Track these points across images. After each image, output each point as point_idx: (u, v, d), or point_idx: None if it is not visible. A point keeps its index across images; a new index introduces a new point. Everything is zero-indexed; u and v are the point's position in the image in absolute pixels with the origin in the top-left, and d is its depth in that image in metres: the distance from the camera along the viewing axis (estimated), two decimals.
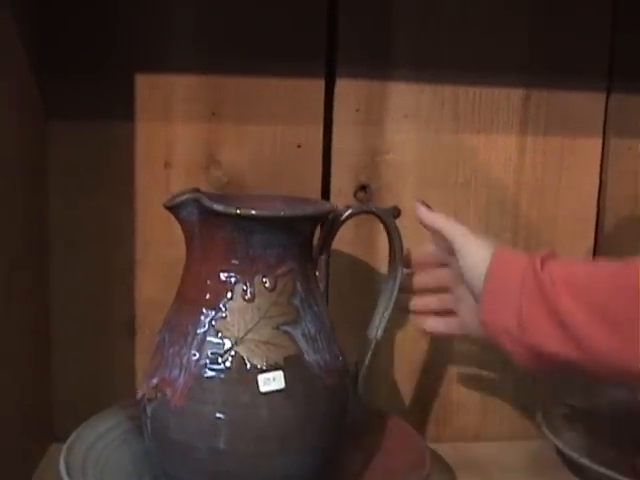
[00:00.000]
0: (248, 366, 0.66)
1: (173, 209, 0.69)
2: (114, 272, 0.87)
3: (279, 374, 0.67)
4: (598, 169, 0.97)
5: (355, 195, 0.90)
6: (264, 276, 0.68)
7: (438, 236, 0.76)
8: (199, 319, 0.67)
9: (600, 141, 0.96)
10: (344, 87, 0.89)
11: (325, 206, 0.74)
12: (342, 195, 0.89)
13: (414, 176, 0.91)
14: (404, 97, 0.90)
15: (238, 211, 0.65)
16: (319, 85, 0.89)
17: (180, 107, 0.86)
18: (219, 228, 0.67)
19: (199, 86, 0.86)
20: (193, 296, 0.68)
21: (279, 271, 0.68)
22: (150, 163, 0.86)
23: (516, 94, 0.93)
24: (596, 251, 0.98)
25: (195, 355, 0.66)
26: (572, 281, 0.66)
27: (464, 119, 0.92)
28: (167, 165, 0.86)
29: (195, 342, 0.67)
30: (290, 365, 0.67)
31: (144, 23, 0.84)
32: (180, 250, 0.70)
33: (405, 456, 0.75)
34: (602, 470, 0.79)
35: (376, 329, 0.76)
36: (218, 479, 0.66)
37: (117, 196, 0.86)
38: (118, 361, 0.89)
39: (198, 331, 0.67)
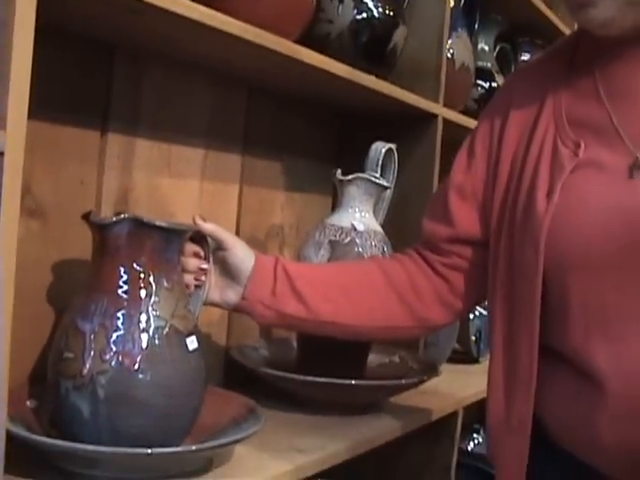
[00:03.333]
0: (180, 333, 0.94)
1: (105, 227, 0.92)
2: None
3: (195, 337, 0.96)
4: (236, 207, 1.41)
5: None
6: (174, 273, 0.96)
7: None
8: (140, 306, 0.92)
9: (238, 188, 1.41)
10: (112, 140, 1.17)
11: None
12: None
13: (149, 208, 1.22)
14: (144, 152, 1.22)
15: (181, 227, 0.95)
16: (97, 136, 1.15)
17: None
18: (150, 239, 0.93)
19: None
20: (120, 291, 0.92)
21: (178, 269, 0.97)
22: None
23: (199, 152, 1.32)
24: None
25: (144, 330, 0.91)
26: (304, 273, 1.14)
27: (175, 167, 1.27)
28: None
29: (142, 322, 0.91)
30: (195, 332, 0.97)
31: None
32: None
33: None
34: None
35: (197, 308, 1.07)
36: (166, 418, 0.92)
37: None
38: None
39: (142, 315, 0.91)
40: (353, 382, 1.26)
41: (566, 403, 1.00)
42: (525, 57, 2.37)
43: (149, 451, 0.87)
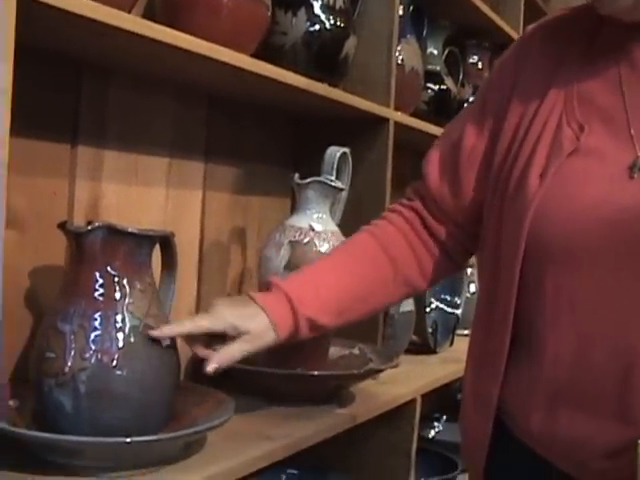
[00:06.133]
0: None
1: (81, 235, 0.99)
2: None
3: None
4: (200, 212, 1.49)
5: None
6: (146, 276, 1.03)
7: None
8: (116, 307, 0.99)
9: (201, 193, 1.49)
10: (82, 153, 1.24)
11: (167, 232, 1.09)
12: None
13: (118, 215, 1.29)
14: (112, 162, 1.29)
15: (151, 233, 1.02)
16: (67, 149, 1.22)
17: None
18: (123, 245, 1.00)
19: None
20: (96, 294, 0.99)
21: (149, 272, 1.04)
22: None
23: (163, 161, 1.40)
24: (200, 263, 1.49)
25: (120, 330, 0.98)
26: (318, 306, 1.11)
27: (141, 176, 1.34)
28: None
29: (118, 322, 0.98)
30: None
31: None
32: None
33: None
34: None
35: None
36: (142, 410, 0.99)
37: None
38: None
39: (117, 315, 0.99)
40: (316, 373, 1.34)
41: (517, 390, 1.03)
42: (473, 59, 2.49)
43: (128, 440, 0.95)
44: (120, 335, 0.98)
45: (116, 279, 1.00)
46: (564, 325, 0.96)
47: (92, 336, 0.97)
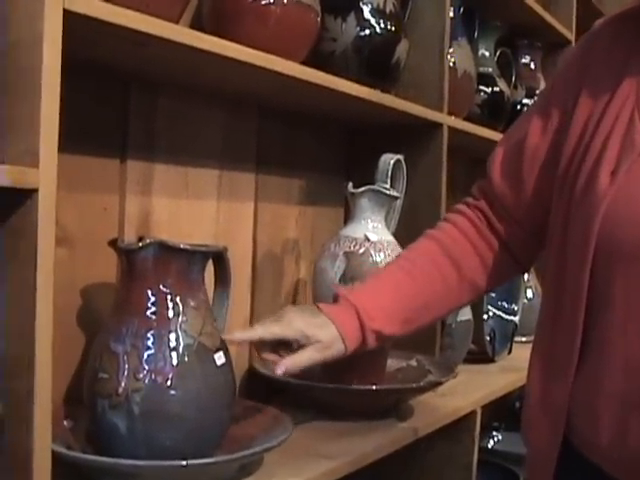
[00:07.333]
0: (208, 350, 0.98)
1: (132, 252, 0.96)
2: None
3: (221, 353, 1.00)
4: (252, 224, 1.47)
5: None
6: (199, 293, 1.01)
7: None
8: (169, 326, 0.97)
9: (253, 205, 1.47)
10: (131, 167, 1.22)
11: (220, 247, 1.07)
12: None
13: (169, 230, 1.27)
14: (162, 176, 1.27)
15: (203, 249, 0.99)
16: (116, 164, 1.20)
17: None
18: (175, 262, 0.97)
19: None
20: (149, 312, 0.97)
21: (202, 289, 1.02)
22: None
23: (214, 174, 1.37)
24: (253, 276, 1.47)
25: (174, 349, 0.96)
26: (384, 317, 1.10)
27: (192, 189, 1.32)
28: None
29: (171, 340, 0.96)
30: (223, 347, 1.01)
31: None
32: None
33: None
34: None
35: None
36: (198, 431, 0.97)
37: None
38: None
39: (171, 334, 0.96)
40: (374, 387, 1.31)
41: (584, 400, 0.98)
42: (525, 60, 2.43)
43: (184, 463, 0.92)
44: (174, 354, 0.96)
45: (169, 297, 0.98)
46: (634, 330, 0.91)
47: (145, 356, 0.95)
